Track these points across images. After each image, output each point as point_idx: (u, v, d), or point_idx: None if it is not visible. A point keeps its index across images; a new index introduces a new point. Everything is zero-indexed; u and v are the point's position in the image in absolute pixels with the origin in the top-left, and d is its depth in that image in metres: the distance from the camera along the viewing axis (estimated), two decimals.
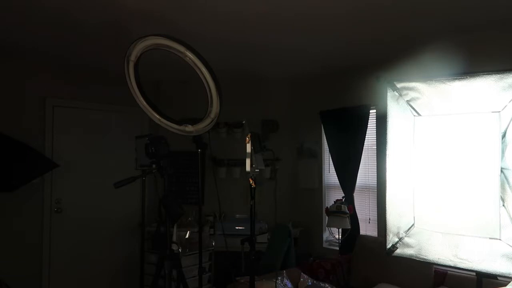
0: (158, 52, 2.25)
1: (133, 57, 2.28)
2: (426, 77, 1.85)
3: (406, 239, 1.88)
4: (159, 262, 2.55)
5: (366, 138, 4.07)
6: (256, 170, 2.22)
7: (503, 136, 1.58)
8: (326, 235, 4.58)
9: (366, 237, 3.88)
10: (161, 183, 2.57)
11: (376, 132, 4.05)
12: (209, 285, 4.35)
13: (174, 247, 2.60)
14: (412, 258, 1.85)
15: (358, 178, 4.14)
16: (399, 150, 1.94)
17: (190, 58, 2.10)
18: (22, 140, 3.83)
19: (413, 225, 1.87)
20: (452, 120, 1.75)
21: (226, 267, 3.91)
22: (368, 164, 4.19)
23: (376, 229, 4.03)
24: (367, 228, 4.17)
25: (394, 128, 1.95)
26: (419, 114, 1.87)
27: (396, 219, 1.92)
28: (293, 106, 5.08)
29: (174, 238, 3.13)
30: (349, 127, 4.17)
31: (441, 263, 1.77)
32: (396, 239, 1.91)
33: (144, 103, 2.46)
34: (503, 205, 1.58)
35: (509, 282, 1.57)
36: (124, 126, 4.71)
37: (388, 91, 1.98)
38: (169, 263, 2.52)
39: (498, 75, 1.60)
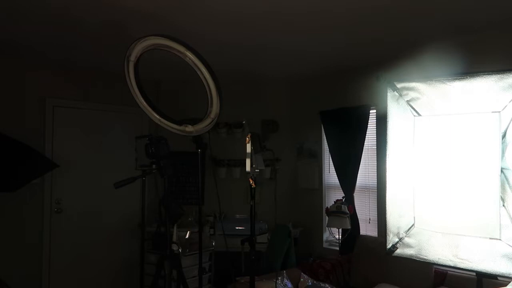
0: (158, 52, 2.25)
1: (133, 57, 2.28)
2: (426, 77, 1.85)
3: (406, 239, 1.88)
4: (159, 262, 2.55)
5: (366, 138, 4.07)
6: (256, 170, 2.22)
7: (503, 136, 1.58)
8: (326, 235, 4.58)
9: (366, 237, 3.88)
10: (161, 183, 2.57)
11: (376, 132, 4.05)
12: (209, 285, 4.35)
13: (174, 247, 2.60)
14: (412, 258, 1.85)
15: (358, 178, 4.15)
16: (399, 150, 1.93)
17: (190, 58, 2.10)
18: (22, 140, 3.82)
19: (413, 225, 1.86)
20: (452, 120, 1.74)
21: (226, 267, 3.91)
22: (368, 164, 4.19)
23: (376, 229, 4.03)
24: (367, 228, 4.17)
25: (394, 128, 1.95)
26: (419, 114, 1.87)
27: (396, 219, 1.92)
28: (293, 106, 5.08)
29: (174, 238, 3.12)
30: (349, 127, 4.17)
31: (441, 263, 1.77)
32: (396, 239, 1.91)
33: (144, 103, 2.45)
34: (503, 205, 1.58)
35: (509, 282, 1.57)
36: (124, 126, 4.71)
37: (388, 91, 1.98)
38: (169, 263, 2.52)
39: (498, 75, 1.60)
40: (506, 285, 1.58)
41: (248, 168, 2.22)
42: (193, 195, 4.86)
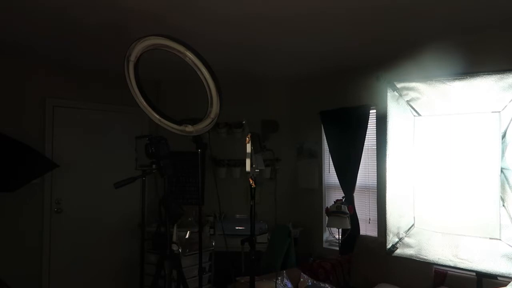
0: (158, 52, 2.25)
1: (133, 57, 2.28)
2: (426, 77, 1.85)
3: (406, 239, 1.88)
4: (159, 262, 2.55)
5: (366, 138, 4.07)
6: (256, 170, 2.22)
7: (503, 136, 1.58)
8: (326, 235, 4.58)
9: (366, 237, 3.88)
10: (161, 183, 2.57)
11: (376, 132, 4.05)
12: (209, 285, 4.35)
13: (174, 247, 2.60)
14: (412, 258, 1.85)
15: (358, 178, 4.15)
16: (399, 150, 1.93)
17: (190, 58, 2.10)
18: (22, 140, 3.83)
19: (413, 225, 1.86)
20: (452, 120, 1.74)
21: (226, 267, 3.91)
22: (368, 164, 4.19)
23: (376, 229, 4.03)
24: (367, 228, 4.17)
25: (394, 128, 1.95)
26: (419, 114, 1.87)
27: (396, 219, 1.92)
28: (293, 106, 5.08)
29: (174, 238, 3.12)
30: (349, 127, 4.17)
31: (441, 263, 1.76)
32: (396, 239, 1.91)
33: (144, 103, 2.45)
34: (503, 205, 1.58)
35: (509, 282, 1.57)
36: (124, 126, 4.71)
37: (388, 91, 1.98)
38: (169, 263, 2.52)
39: (498, 75, 1.59)
40: (506, 285, 1.58)
41: (248, 168, 2.21)
42: (193, 195, 4.86)
